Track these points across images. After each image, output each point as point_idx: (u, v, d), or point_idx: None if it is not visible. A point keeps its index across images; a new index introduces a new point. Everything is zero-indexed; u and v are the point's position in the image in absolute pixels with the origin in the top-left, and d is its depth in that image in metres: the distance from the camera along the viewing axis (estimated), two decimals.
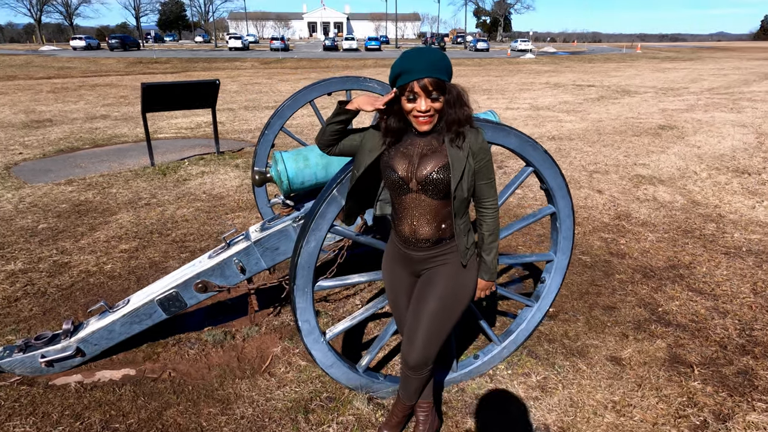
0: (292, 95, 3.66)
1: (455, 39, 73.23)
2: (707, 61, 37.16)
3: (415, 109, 1.75)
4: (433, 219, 1.88)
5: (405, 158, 1.85)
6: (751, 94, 15.32)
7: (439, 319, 1.95)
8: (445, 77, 1.73)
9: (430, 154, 1.83)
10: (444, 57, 1.75)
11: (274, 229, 2.92)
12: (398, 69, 1.74)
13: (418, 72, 1.69)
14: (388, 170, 1.87)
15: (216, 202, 5.79)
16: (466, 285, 1.97)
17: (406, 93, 1.74)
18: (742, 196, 5.80)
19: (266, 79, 22.85)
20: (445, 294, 1.94)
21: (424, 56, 1.71)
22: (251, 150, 8.49)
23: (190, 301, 2.92)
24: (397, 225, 1.97)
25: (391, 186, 1.88)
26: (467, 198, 1.86)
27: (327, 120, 1.92)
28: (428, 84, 1.70)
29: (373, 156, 1.88)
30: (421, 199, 1.86)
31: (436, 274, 1.96)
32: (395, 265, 2.07)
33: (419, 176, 1.82)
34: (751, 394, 2.66)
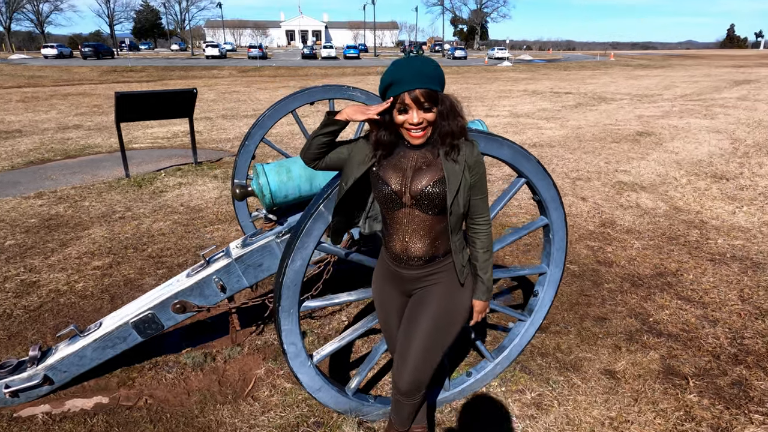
0: (273, 105, 3.54)
1: (433, 47, 73.85)
2: (678, 68, 38.12)
3: (406, 121, 1.66)
4: (426, 235, 1.78)
5: (398, 171, 1.75)
6: (723, 101, 15.70)
7: (432, 341, 1.85)
8: (437, 87, 1.64)
9: (425, 167, 1.73)
10: (436, 66, 1.66)
11: (257, 245, 2.79)
12: (389, 79, 1.65)
13: (410, 82, 1.60)
14: (379, 183, 1.77)
15: (194, 215, 5.61)
16: (461, 305, 1.88)
17: (397, 105, 1.65)
18: (722, 202, 5.86)
19: (244, 88, 22.60)
20: (438, 314, 1.84)
21: (415, 66, 1.62)
22: (230, 160, 8.31)
23: (167, 322, 2.77)
24: (388, 242, 1.86)
25: (383, 200, 1.78)
26: (463, 213, 1.77)
27: (314, 132, 1.81)
28: (420, 95, 1.61)
29: (363, 169, 1.78)
30: (415, 214, 1.76)
31: (429, 294, 1.86)
32: (385, 283, 1.97)
33: (413, 190, 1.72)
34: (747, 406, 2.61)
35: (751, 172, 7.12)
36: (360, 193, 1.88)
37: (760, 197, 6.01)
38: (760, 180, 6.74)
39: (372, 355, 2.42)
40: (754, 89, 19.58)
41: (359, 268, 3.92)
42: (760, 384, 2.78)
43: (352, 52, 52.75)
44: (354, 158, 1.81)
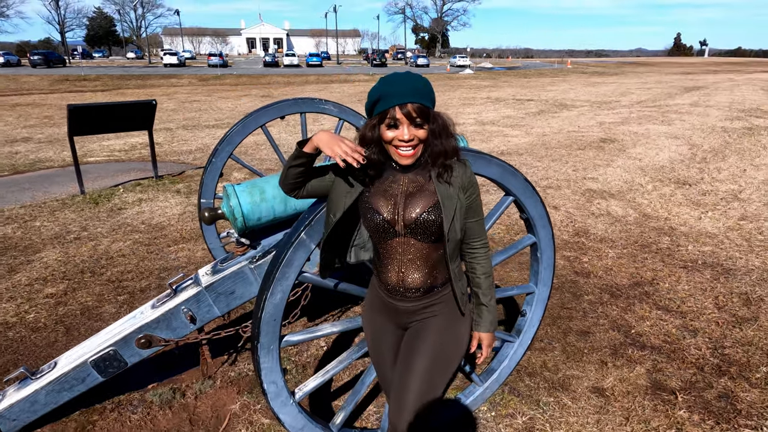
0: (241, 119, 3.35)
1: (395, 55, 74.40)
2: (631, 75, 39.60)
3: (396, 137, 1.52)
4: (423, 265, 1.65)
5: (388, 198, 1.61)
6: (677, 107, 16.32)
7: (431, 379, 1.71)
8: (429, 104, 1.53)
9: (417, 192, 1.60)
10: (427, 83, 1.55)
11: (228, 272, 2.60)
12: (377, 94, 1.52)
13: (401, 96, 1.48)
14: (369, 212, 1.63)
15: (156, 234, 5.32)
16: (461, 338, 1.75)
17: (387, 120, 1.52)
18: (688, 208, 5.99)
19: (205, 97, 22.05)
20: (437, 350, 1.71)
21: (407, 81, 1.51)
22: (193, 173, 8.00)
23: (131, 359, 2.54)
24: (382, 273, 1.72)
25: (374, 230, 1.64)
26: (460, 239, 1.66)
27: (287, 162, 1.65)
28: (412, 110, 1.49)
29: (353, 197, 1.63)
30: (410, 243, 1.63)
31: (426, 328, 1.73)
32: (378, 316, 1.82)
33: (407, 218, 1.59)
34: (736, 420, 2.59)
35: (711, 177, 7.33)
36: (347, 221, 1.74)
37: (722, 202, 6.18)
38: (720, 185, 6.95)
39: (358, 388, 2.26)
40: (704, 95, 20.47)
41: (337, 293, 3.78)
42: (745, 396, 2.77)
43: (315, 60, 52.44)
44: (340, 185, 1.67)
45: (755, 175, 7.46)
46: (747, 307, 3.71)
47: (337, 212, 1.65)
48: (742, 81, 29.91)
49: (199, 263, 4.55)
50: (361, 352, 2.22)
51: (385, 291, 1.74)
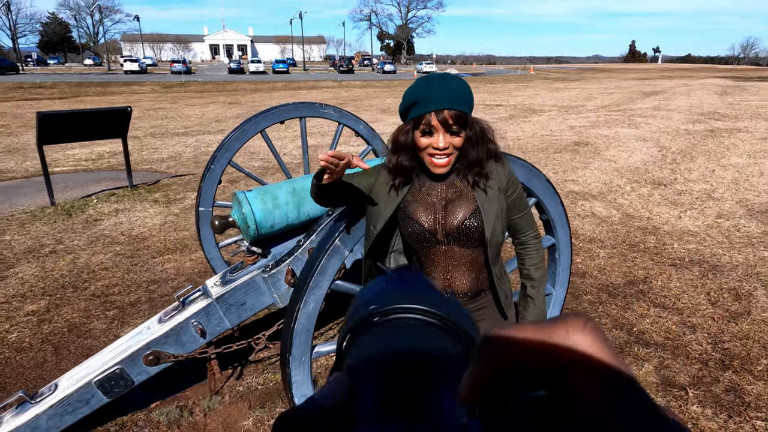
0: (239, 125, 3.25)
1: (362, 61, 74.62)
2: (591, 81, 40.89)
3: (431, 145, 1.48)
4: (469, 270, 1.62)
5: (427, 207, 1.57)
6: (641, 111, 16.91)
7: None
8: (467, 110, 1.48)
9: (457, 199, 1.57)
10: (467, 87, 1.50)
11: (239, 282, 2.50)
12: (414, 97, 1.47)
13: (438, 102, 1.43)
14: (408, 222, 1.58)
15: (138, 245, 5.11)
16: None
17: (422, 126, 1.46)
18: (667, 207, 6.17)
19: (170, 104, 21.52)
20: None
21: (445, 84, 1.45)
22: (169, 182, 7.75)
23: (138, 377, 2.40)
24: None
25: (414, 239, 1.59)
26: (502, 241, 1.63)
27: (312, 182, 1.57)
28: (448, 117, 1.43)
29: (393, 207, 1.58)
30: (453, 250, 1.59)
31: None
32: None
33: (449, 227, 1.55)
34: (747, 413, 2.65)
35: (683, 178, 7.60)
36: (386, 227, 1.69)
37: (698, 201, 6.40)
38: (693, 185, 7.20)
39: None
40: (664, 100, 21.30)
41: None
42: (751, 388, 2.85)
43: (282, 66, 51.96)
44: (378, 193, 1.61)
45: (724, 174, 7.77)
46: (738, 302, 3.82)
47: (377, 223, 1.60)
48: (696, 86, 31.30)
49: (189, 274, 4.38)
50: None
51: None
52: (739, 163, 8.53)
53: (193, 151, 10.44)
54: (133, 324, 3.54)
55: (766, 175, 7.73)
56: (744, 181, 7.39)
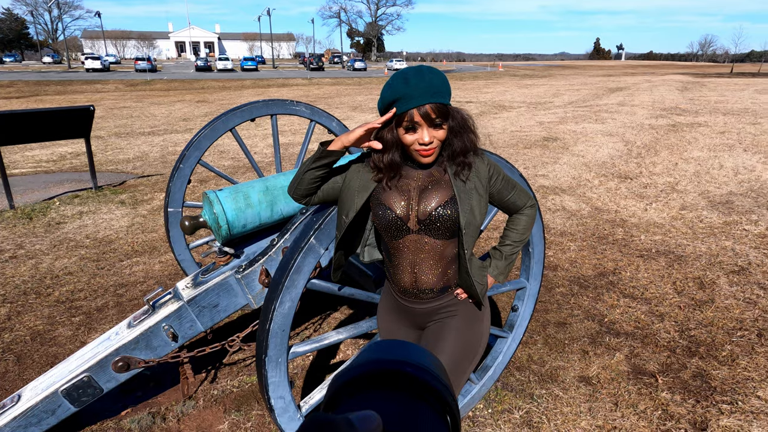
0: (209, 123, 3.17)
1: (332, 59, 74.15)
2: (558, 77, 41.64)
3: (416, 141, 1.47)
4: (437, 264, 1.61)
5: (401, 193, 1.56)
6: (606, 107, 17.32)
7: (451, 379, 1.67)
8: (447, 101, 1.48)
9: (432, 186, 1.56)
10: (444, 78, 1.49)
11: (212, 283, 2.44)
12: (392, 95, 1.45)
13: (419, 98, 1.42)
14: (381, 209, 1.57)
15: (104, 248, 4.95)
16: (481, 335, 1.73)
17: (404, 123, 1.45)
18: (633, 200, 6.34)
19: (135, 103, 20.94)
20: (457, 351, 1.66)
21: (422, 77, 1.43)
22: (136, 183, 7.54)
23: (107, 384, 2.32)
24: (394, 274, 1.66)
25: (386, 227, 1.58)
26: (476, 236, 1.63)
27: (304, 166, 1.56)
28: (431, 111, 1.43)
29: (365, 196, 1.57)
30: (423, 241, 1.58)
31: (445, 328, 1.69)
32: (394, 317, 1.76)
33: (422, 214, 1.54)
34: (713, 398, 2.74)
35: (648, 171, 7.81)
36: (360, 219, 1.67)
37: (663, 194, 6.59)
38: (657, 178, 7.41)
39: None
40: (628, 96, 21.87)
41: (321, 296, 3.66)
42: (717, 373, 2.95)
43: (250, 64, 51.18)
44: (351, 185, 1.60)
45: (686, 168, 8.03)
46: (703, 291, 3.95)
47: (349, 212, 1.58)
48: (658, 82, 32.24)
49: (159, 277, 4.27)
50: None
51: (399, 293, 1.69)
52: (701, 157, 8.83)
53: (160, 150, 10.19)
54: (100, 330, 3.43)
55: (725, 167, 8.02)
56: (705, 173, 7.65)
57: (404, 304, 1.70)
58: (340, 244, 1.66)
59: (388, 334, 1.80)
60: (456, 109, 1.54)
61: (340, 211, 1.62)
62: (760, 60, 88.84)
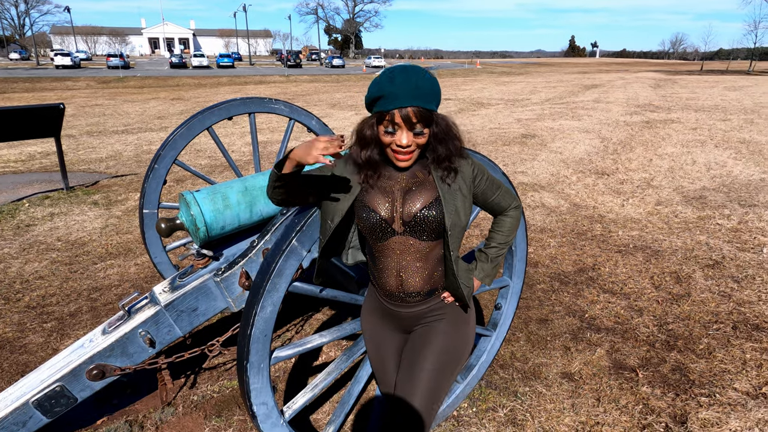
0: (185, 121, 3.09)
1: (310, 56, 73.60)
2: (535, 75, 42.12)
3: (394, 142, 1.44)
4: (423, 266, 1.59)
5: (385, 195, 1.53)
6: (582, 104, 17.57)
7: (437, 384, 1.64)
8: (433, 106, 1.44)
9: (416, 187, 1.54)
10: (434, 81, 1.44)
11: (190, 287, 2.37)
12: (377, 91, 1.42)
13: (401, 99, 1.38)
14: (364, 211, 1.53)
15: (77, 251, 4.80)
16: (467, 338, 1.71)
17: (385, 122, 1.42)
18: (610, 196, 6.43)
19: (108, 100, 20.44)
20: (443, 355, 1.64)
21: (408, 79, 1.39)
22: (110, 183, 7.35)
23: (81, 393, 2.24)
24: (379, 278, 1.63)
25: (370, 230, 1.55)
26: (461, 237, 1.61)
27: (269, 183, 1.49)
28: (412, 114, 1.39)
29: (350, 200, 1.53)
30: (408, 243, 1.55)
31: (432, 332, 1.66)
32: (379, 321, 1.74)
33: (406, 215, 1.51)
34: (692, 390, 2.79)
35: (624, 167, 7.94)
36: (343, 222, 1.64)
37: (639, 190, 6.71)
38: (633, 174, 7.54)
39: (346, 399, 2.16)
40: (603, 93, 22.23)
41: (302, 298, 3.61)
42: (695, 366, 3.00)
43: (227, 61, 50.42)
44: (334, 188, 1.56)
45: (661, 164, 8.18)
46: (679, 285, 4.03)
47: (334, 217, 1.54)
48: (632, 79, 32.86)
49: (135, 280, 4.16)
50: (350, 361, 2.11)
51: (385, 297, 1.66)
52: (674, 153, 9.01)
53: (134, 149, 9.95)
54: (74, 336, 3.32)
55: (698, 163, 8.20)
56: (679, 169, 7.81)
57: (390, 308, 1.67)
58: (327, 248, 1.63)
59: (372, 337, 1.77)
60: (441, 116, 1.50)
61: (325, 215, 1.58)
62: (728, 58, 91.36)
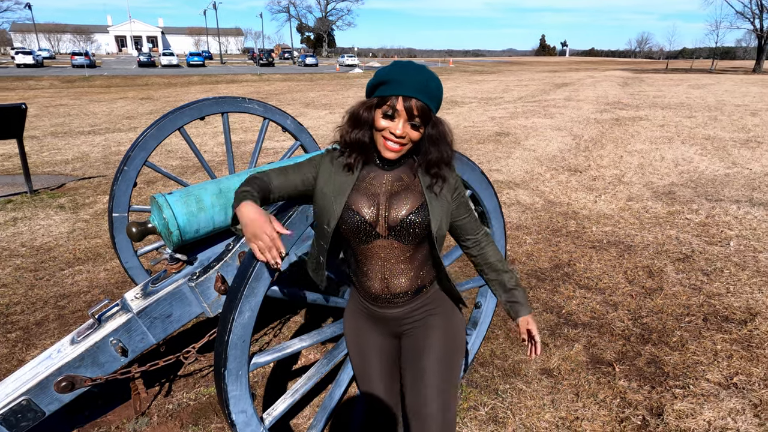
0: (155, 122, 3.00)
1: (282, 54, 72.87)
2: (507, 73, 42.65)
3: (389, 129, 1.41)
4: (409, 267, 1.57)
5: (369, 197, 1.51)
6: (554, 102, 17.85)
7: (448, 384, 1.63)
8: (434, 107, 1.43)
9: (402, 191, 1.52)
10: (440, 84, 1.45)
11: (163, 293, 2.30)
12: (384, 77, 1.41)
13: (408, 88, 1.37)
14: (349, 213, 1.50)
15: (43, 256, 4.63)
16: (462, 323, 1.74)
17: (385, 107, 1.40)
18: (583, 193, 6.54)
19: (73, 100, 19.82)
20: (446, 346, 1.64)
21: (420, 75, 1.39)
22: (76, 185, 7.11)
23: (49, 407, 2.15)
24: (363, 280, 1.60)
25: (353, 232, 1.52)
26: (445, 235, 1.60)
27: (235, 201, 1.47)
28: (414, 107, 1.38)
29: (343, 200, 1.49)
30: (393, 246, 1.53)
31: (427, 330, 1.64)
32: (363, 324, 1.70)
33: (392, 220, 1.49)
34: (667, 383, 2.84)
35: (596, 164, 8.09)
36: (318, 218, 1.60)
37: (610, 186, 6.84)
38: (605, 170, 7.69)
39: (326, 403, 2.12)
40: (574, 91, 22.64)
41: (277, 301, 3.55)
42: (669, 359, 3.06)
43: (197, 59, 49.51)
44: (325, 190, 1.52)
45: (631, 160, 8.37)
46: (652, 279, 4.11)
47: (330, 221, 1.51)
48: (600, 77, 33.58)
49: (105, 287, 4.03)
50: (331, 364, 2.08)
51: (370, 300, 1.63)
52: (643, 149, 9.23)
53: (102, 150, 9.67)
54: (41, 346, 3.19)
55: (666, 159, 8.41)
56: (648, 165, 8.00)
57: (376, 311, 1.64)
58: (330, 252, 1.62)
59: (355, 340, 1.74)
60: (440, 120, 1.49)
61: (320, 219, 1.55)
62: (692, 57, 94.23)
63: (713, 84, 27.03)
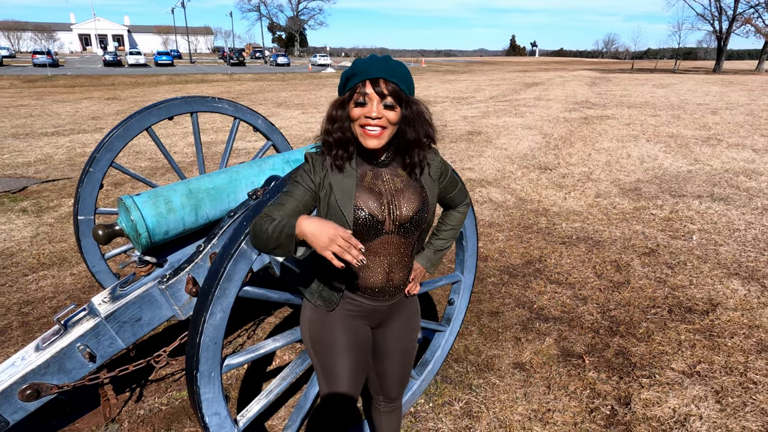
0: (122, 122, 2.93)
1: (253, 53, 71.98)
2: (479, 73, 43.11)
3: (363, 114, 1.42)
4: (407, 260, 1.65)
5: (374, 194, 1.51)
6: (524, 101, 18.14)
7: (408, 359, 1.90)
8: (404, 87, 1.44)
9: (405, 189, 1.55)
10: (405, 68, 1.47)
11: (132, 296, 2.25)
12: (350, 71, 1.45)
13: (374, 72, 1.40)
14: (358, 214, 1.50)
15: (5, 262, 4.47)
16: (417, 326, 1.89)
17: (356, 95, 1.42)
18: (553, 190, 6.67)
19: (35, 100, 19.16)
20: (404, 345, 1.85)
21: (383, 61, 1.44)
22: (39, 188, 6.89)
23: (14, 416, 2.08)
24: (365, 275, 1.59)
25: (362, 232, 1.51)
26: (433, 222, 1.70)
27: (273, 241, 1.36)
28: (384, 87, 1.40)
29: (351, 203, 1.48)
30: (397, 242, 1.57)
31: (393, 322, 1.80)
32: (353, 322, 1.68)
33: (402, 217, 1.52)
34: (634, 373, 2.93)
35: (566, 162, 8.26)
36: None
37: (579, 183, 7.00)
38: (574, 168, 7.86)
39: (302, 403, 2.12)
40: (543, 90, 23.05)
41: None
42: (636, 350, 3.16)
43: (165, 59, 48.46)
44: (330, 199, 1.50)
45: (599, 158, 8.58)
46: (619, 273, 4.23)
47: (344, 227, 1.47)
48: (569, 77, 34.27)
49: (71, 291, 3.92)
50: (305, 364, 2.07)
51: (368, 292, 1.61)
52: (610, 147, 9.47)
53: (66, 152, 9.38)
54: (3, 355, 3.08)
55: (632, 157, 8.65)
56: (615, 162, 8.21)
57: (369, 304, 1.64)
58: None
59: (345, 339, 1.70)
60: (414, 100, 1.50)
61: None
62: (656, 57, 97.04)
63: (676, 83, 27.90)
